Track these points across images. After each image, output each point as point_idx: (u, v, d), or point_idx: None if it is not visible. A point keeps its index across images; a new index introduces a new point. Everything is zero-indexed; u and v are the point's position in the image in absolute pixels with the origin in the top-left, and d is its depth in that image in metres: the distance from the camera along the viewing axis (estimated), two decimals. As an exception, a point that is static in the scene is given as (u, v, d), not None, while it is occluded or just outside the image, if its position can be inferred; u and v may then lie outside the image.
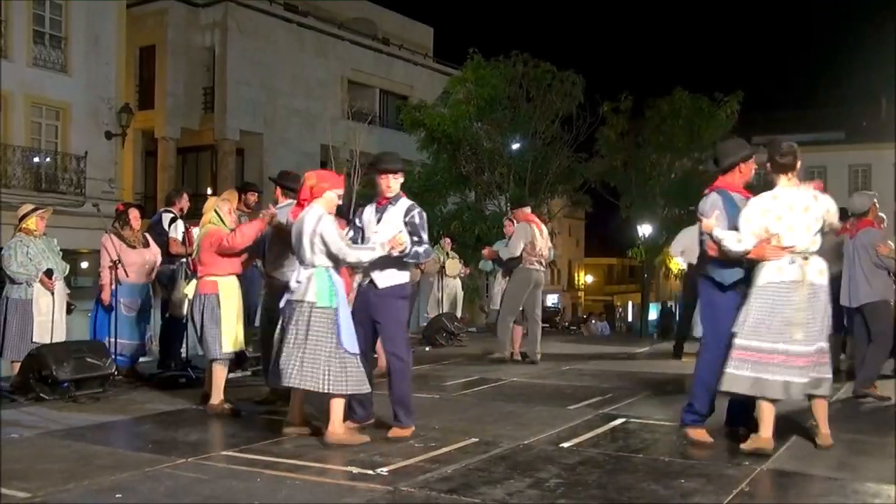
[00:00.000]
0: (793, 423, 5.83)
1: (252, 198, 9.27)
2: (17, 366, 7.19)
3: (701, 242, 5.32)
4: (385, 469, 4.60)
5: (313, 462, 4.77)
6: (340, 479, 4.45)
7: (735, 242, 4.99)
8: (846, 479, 4.45)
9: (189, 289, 6.63)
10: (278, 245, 6.33)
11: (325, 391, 5.13)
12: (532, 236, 9.52)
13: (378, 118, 29.13)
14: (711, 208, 5.21)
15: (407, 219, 5.51)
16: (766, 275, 4.96)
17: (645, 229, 26.20)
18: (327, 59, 28.21)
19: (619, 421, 6.04)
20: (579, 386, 7.89)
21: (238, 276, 6.62)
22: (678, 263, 11.08)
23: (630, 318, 44.66)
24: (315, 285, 5.19)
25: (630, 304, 45.98)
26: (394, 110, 28.27)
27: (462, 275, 13.81)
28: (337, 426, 5.22)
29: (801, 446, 5.22)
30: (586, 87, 22.00)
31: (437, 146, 21.86)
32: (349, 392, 5.18)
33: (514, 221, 10.12)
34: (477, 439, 5.36)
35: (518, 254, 9.44)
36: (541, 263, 9.66)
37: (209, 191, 26.07)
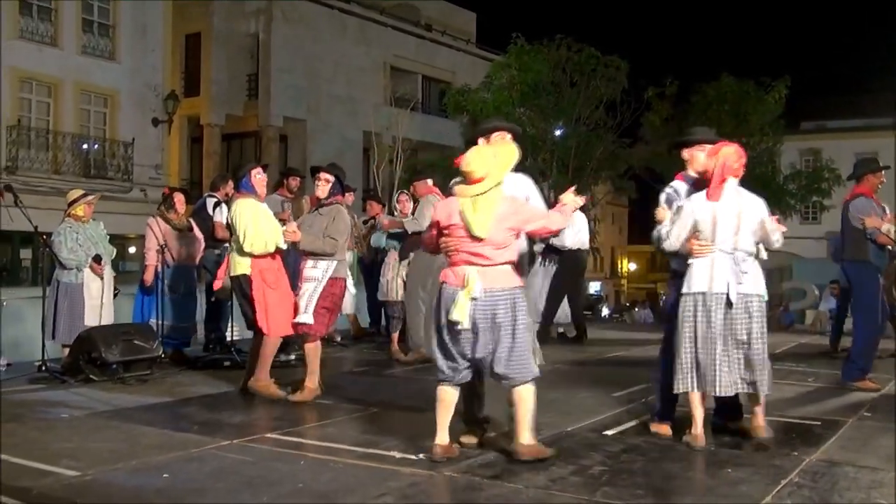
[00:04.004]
0: (843, 414, 5.72)
1: (294, 182, 9.32)
2: (68, 348, 7.33)
3: (867, 236, 6.71)
4: (428, 454, 4.59)
5: (356, 446, 4.79)
6: (383, 463, 4.46)
7: None
8: (899, 471, 4.34)
9: (475, 286, 4.30)
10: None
11: (766, 393, 4.75)
12: None
13: (420, 104, 29.13)
14: (867, 209, 6.76)
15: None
16: None
17: (690, 216, 25.89)
18: (370, 46, 28.23)
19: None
20: (623, 373, 7.80)
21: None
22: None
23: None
24: (760, 276, 4.72)
25: (673, 292, 45.58)
26: (436, 96, 28.25)
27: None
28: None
29: (851, 437, 5.11)
30: (631, 71, 21.75)
31: (480, 132, 21.76)
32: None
33: (412, 197, 8.85)
34: (519, 425, 5.32)
35: (426, 226, 8.46)
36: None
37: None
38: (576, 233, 10.33)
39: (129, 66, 22.60)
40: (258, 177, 6.34)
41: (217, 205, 8.58)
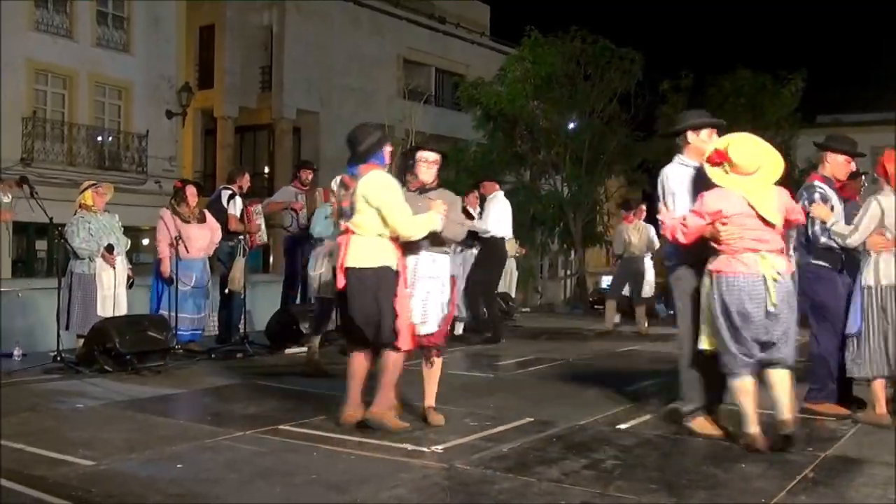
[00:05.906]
0: (857, 408, 5.67)
1: (307, 175, 9.34)
2: (82, 338, 7.38)
3: None
4: (440, 447, 4.60)
5: (369, 438, 4.79)
6: (396, 455, 4.46)
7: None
8: (915, 467, 4.31)
9: (777, 271, 4.52)
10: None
11: None
12: None
13: (434, 97, 29.07)
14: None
15: None
16: None
17: (704, 210, 25.79)
18: (383, 38, 28.18)
19: (677, 403, 5.93)
20: (637, 367, 7.79)
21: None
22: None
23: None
24: None
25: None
26: (450, 89, 28.15)
27: (518, 255, 13.61)
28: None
29: (866, 432, 5.08)
30: (645, 64, 21.59)
31: (493, 125, 21.70)
32: None
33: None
34: (532, 419, 5.32)
35: None
36: None
37: (266, 169, 26.37)
38: (499, 219, 9.39)
39: (144, 58, 22.64)
40: (389, 149, 5.22)
41: (232, 197, 8.62)
